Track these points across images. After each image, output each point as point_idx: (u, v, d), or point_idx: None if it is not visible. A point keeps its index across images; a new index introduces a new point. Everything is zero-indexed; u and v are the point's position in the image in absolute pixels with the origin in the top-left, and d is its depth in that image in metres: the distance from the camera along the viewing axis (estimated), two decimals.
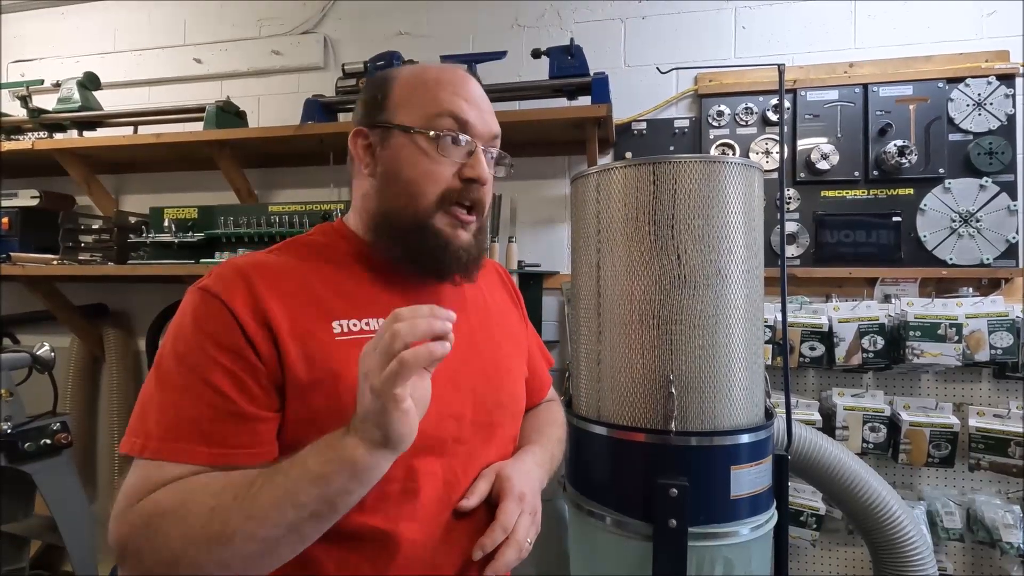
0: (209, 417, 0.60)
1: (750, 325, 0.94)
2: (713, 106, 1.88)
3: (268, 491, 0.55)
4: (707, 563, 0.89)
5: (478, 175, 0.71)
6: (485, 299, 0.88)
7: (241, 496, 0.55)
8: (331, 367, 0.64)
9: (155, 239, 1.97)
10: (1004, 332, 1.56)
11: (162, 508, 0.56)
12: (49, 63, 2.53)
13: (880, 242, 1.75)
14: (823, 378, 1.78)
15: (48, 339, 1.91)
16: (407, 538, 0.66)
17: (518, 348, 0.90)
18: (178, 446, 0.59)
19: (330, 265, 0.73)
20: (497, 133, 0.76)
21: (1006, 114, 1.68)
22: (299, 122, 1.95)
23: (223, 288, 0.64)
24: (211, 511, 0.55)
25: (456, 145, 0.71)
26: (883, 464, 1.70)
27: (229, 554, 0.54)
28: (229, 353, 0.61)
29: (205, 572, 0.55)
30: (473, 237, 0.75)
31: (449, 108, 0.71)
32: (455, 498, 0.71)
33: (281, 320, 0.63)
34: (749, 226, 0.94)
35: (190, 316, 0.63)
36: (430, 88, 0.72)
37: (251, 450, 0.61)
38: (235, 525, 0.54)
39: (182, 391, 0.60)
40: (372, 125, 0.74)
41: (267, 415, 0.62)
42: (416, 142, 0.70)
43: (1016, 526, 1.52)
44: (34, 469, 1.67)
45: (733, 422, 0.92)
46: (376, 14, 2.21)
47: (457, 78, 0.74)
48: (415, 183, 0.70)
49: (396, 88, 0.74)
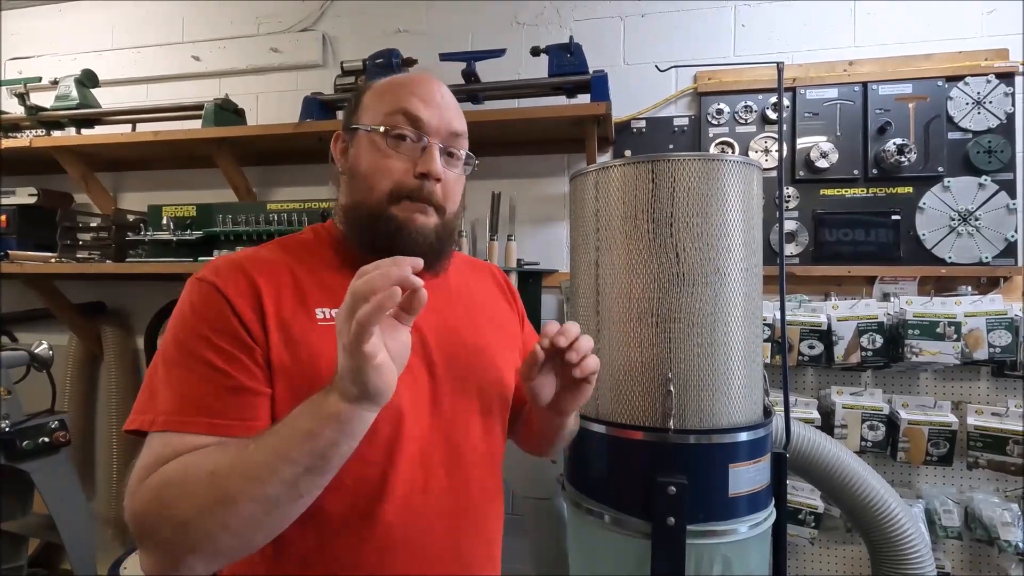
0: (209, 392, 0.64)
1: (749, 323, 0.94)
2: (712, 104, 1.88)
3: (262, 452, 0.57)
4: (705, 561, 0.89)
5: (427, 169, 0.73)
6: (472, 291, 0.89)
7: (238, 459, 0.58)
8: (311, 351, 0.68)
9: (153, 237, 1.97)
10: (1003, 330, 1.57)
11: (168, 479, 0.59)
12: (47, 60, 2.52)
13: (879, 240, 1.75)
14: (822, 376, 1.78)
15: (46, 337, 1.91)
16: (383, 520, 0.69)
17: (506, 339, 0.91)
18: (182, 418, 0.63)
19: (316, 260, 0.77)
20: (456, 131, 0.78)
21: (1005, 112, 1.68)
22: (298, 120, 1.95)
23: (218, 277, 0.69)
24: (211, 475, 0.58)
25: (407, 141, 0.74)
26: (882, 462, 1.70)
27: (233, 516, 0.57)
28: (224, 334, 0.66)
29: (215, 537, 0.57)
30: (435, 227, 0.76)
31: (402, 105, 0.74)
32: (432, 484, 0.73)
33: (269, 306, 0.68)
34: (748, 224, 0.94)
35: (188, 304, 0.68)
36: (391, 90, 0.77)
37: (248, 422, 0.64)
38: (235, 487, 0.57)
39: (184, 371, 0.65)
40: (346, 129, 0.80)
41: (263, 389, 0.66)
42: (372, 139, 0.75)
43: (1014, 524, 1.52)
44: (32, 467, 1.67)
45: (732, 420, 0.92)
46: (375, 12, 2.20)
47: (418, 80, 0.77)
48: (369, 176, 0.74)
49: (367, 95, 0.79)
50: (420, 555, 0.71)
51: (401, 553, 0.70)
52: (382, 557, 0.69)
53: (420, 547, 0.72)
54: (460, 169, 0.80)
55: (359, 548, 0.69)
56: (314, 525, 0.67)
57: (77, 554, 1.71)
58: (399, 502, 0.70)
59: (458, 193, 0.80)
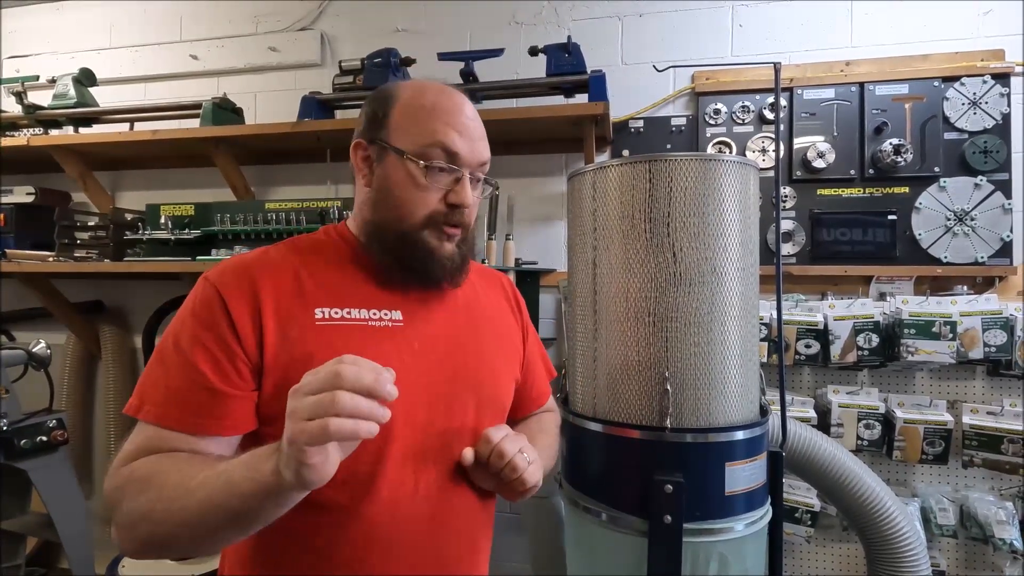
0: (187, 388, 0.68)
1: (745, 322, 0.95)
2: (710, 104, 1.88)
3: (202, 489, 0.60)
4: (702, 559, 0.89)
5: (462, 201, 0.76)
6: (479, 300, 0.91)
7: (183, 486, 0.61)
8: (307, 349, 0.70)
9: (151, 236, 1.97)
10: (998, 330, 1.57)
11: (135, 477, 0.65)
12: (45, 59, 2.52)
13: (876, 240, 1.76)
14: (818, 375, 1.79)
15: (44, 336, 1.91)
16: (366, 517, 0.71)
17: (507, 350, 0.93)
18: (160, 410, 0.68)
19: (325, 262, 0.79)
20: (484, 160, 0.80)
21: (1001, 113, 1.69)
22: (296, 119, 1.95)
23: (223, 282, 0.72)
24: (160, 490, 0.62)
25: (444, 173, 0.76)
26: (877, 461, 1.71)
27: (168, 532, 0.62)
28: (214, 338, 0.69)
29: (154, 542, 0.63)
30: (457, 247, 0.80)
31: (441, 140, 0.75)
32: (420, 488, 0.75)
33: (267, 308, 0.71)
34: (745, 224, 0.94)
35: (192, 302, 0.72)
36: (425, 115, 0.77)
37: (219, 421, 0.68)
38: (172, 512, 0.61)
39: (171, 366, 0.69)
40: (371, 140, 0.79)
41: (238, 393, 0.69)
42: (407, 167, 0.76)
43: (1009, 522, 1.53)
44: (30, 466, 1.67)
45: (728, 419, 0.93)
46: (373, 11, 2.20)
47: (452, 106, 0.78)
48: (404, 205, 0.76)
49: (396, 109, 0.78)
50: (399, 555, 0.73)
51: (380, 551, 0.71)
52: (361, 553, 0.71)
53: (400, 547, 0.73)
54: (481, 191, 0.83)
55: (338, 542, 0.70)
56: (298, 514, 0.67)
57: (75, 553, 1.71)
58: (384, 502, 0.72)
59: (476, 211, 0.83)
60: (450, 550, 0.78)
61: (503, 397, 0.88)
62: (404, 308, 0.79)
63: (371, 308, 0.76)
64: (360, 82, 1.91)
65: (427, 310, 0.81)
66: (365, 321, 0.75)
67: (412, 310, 0.80)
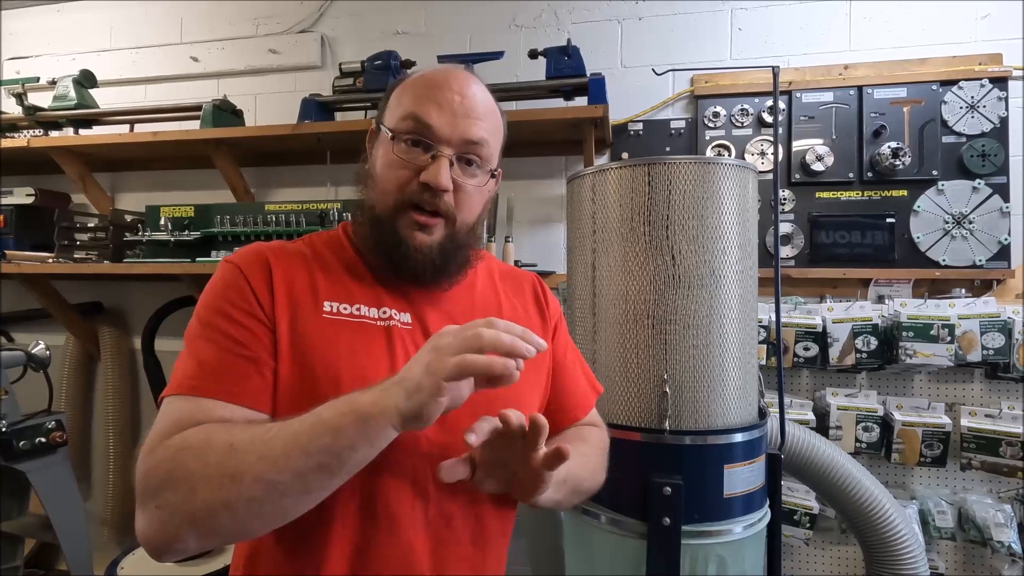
0: (224, 359, 0.66)
1: (744, 325, 0.95)
2: (709, 107, 1.89)
3: (282, 436, 0.58)
4: (700, 561, 0.89)
5: (434, 179, 0.69)
6: (499, 302, 0.85)
7: (258, 439, 0.58)
8: (311, 343, 0.69)
9: (151, 237, 1.97)
10: (996, 333, 1.58)
11: (188, 443, 0.60)
12: (45, 60, 2.52)
13: (874, 243, 1.76)
14: (817, 378, 1.79)
15: (43, 337, 1.90)
16: (358, 526, 0.69)
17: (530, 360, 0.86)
18: (197, 382, 0.65)
19: (339, 258, 0.78)
20: (473, 139, 0.72)
21: (999, 117, 1.70)
22: (296, 121, 1.95)
23: (244, 262, 0.72)
24: (228, 448, 0.58)
25: (415, 148, 0.71)
26: (876, 463, 1.71)
27: (237, 494, 0.57)
28: (242, 310, 0.68)
29: (215, 513, 0.57)
30: (439, 242, 0.73)
31: (414, 111, 0.71)
32: (418, 500, 0.70)
33: (280, 292, 0.70)
34: (743, 227, 0.95)
35: (215, 281, 0.72)
36: (412, 90, 0.73)
37: (257, 391, 0.66)
38: (247, 464, 0.57)
39: (204, 341, 0.67)
40: (376, 123, 0.78)
41: (271, 361, 0.68)
42: (384, 141, 0.73)
43: (1007, 525, 1.53)
44: (29, 468, 1.66)
45: (727, 421, 0.93)
46: (373, 13, 2.21)
47: (441, 81, 0.73)
48: (381, 181, 0.74)
49: (396, 90, 0.76)
50: (392, 567, 0.69)
51: (373, 561, 0.68)
52: (354, 560, 0.68)
53: (393, 559, 0.69)
54: (480, 178, 0.75)
55: (327, 547, 0.67)
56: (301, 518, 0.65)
57: (73, 554, 1.71)
58: (379, 511, 0.68)
59: (477, 203, 0.76)
60: (451, 569, 0.73)
61: (522, 407, 0.83)
62: (413, 311, 0.75)
63: (380, 307, 0.74)
64: (360, 84, 1.92)
65: (438, 314, 0.77)
66: (374, 320, 0.73)
67: (422, 313, 0.76)
